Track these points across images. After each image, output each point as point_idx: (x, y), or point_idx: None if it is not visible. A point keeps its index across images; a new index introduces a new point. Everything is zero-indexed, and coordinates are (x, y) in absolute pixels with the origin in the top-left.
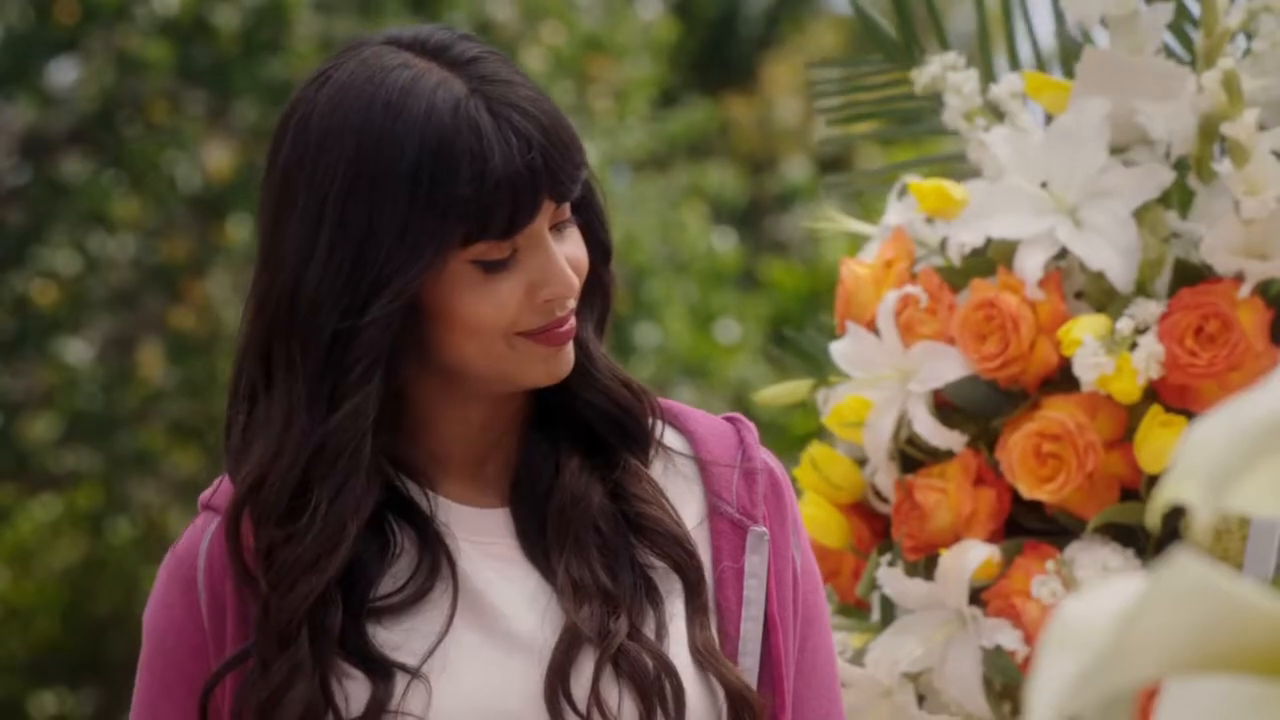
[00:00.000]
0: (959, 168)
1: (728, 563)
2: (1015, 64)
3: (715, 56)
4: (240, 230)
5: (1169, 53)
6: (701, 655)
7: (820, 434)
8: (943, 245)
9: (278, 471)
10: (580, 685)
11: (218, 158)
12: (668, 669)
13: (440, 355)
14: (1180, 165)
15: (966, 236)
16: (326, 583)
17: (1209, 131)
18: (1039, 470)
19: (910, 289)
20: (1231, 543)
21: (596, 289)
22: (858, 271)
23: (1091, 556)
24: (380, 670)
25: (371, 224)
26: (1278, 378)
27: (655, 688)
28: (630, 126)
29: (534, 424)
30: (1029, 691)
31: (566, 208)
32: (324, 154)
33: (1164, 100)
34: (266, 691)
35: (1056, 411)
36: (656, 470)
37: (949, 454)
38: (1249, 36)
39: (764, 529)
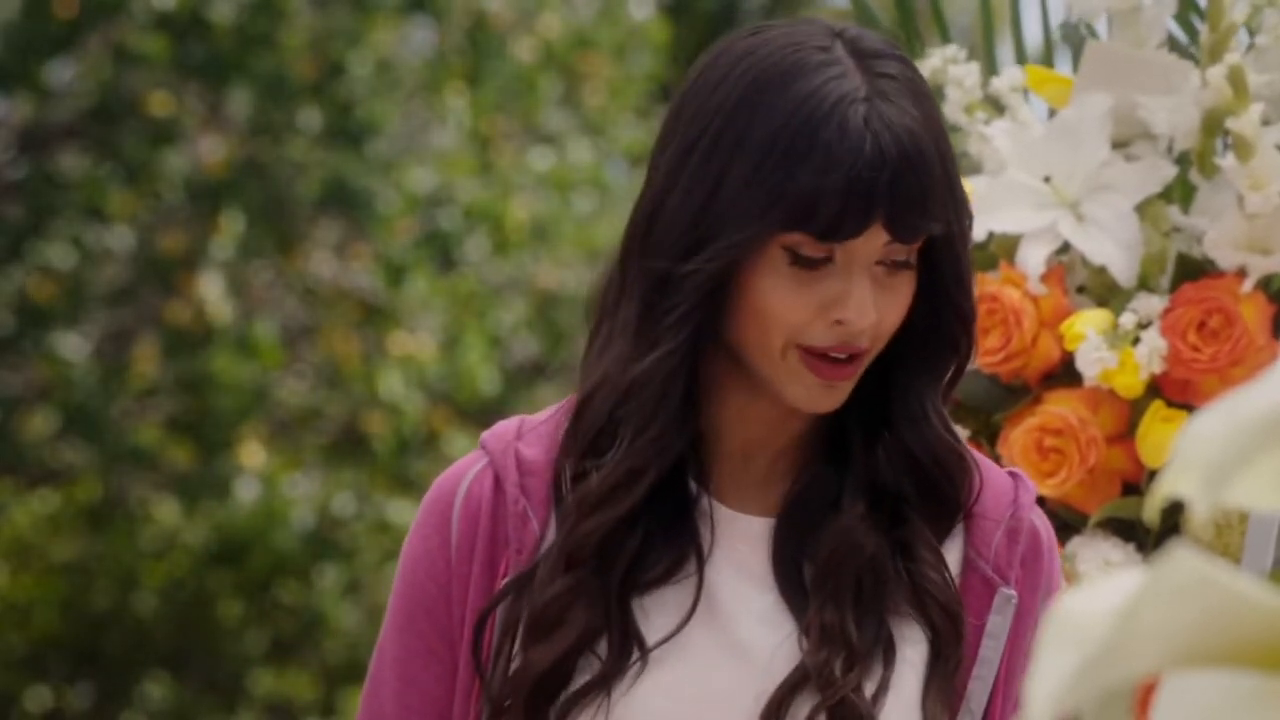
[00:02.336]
0: (960, 162)
1: (972, 619)
2: (1022, 57)
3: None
4: (235, 225)
5: (1174, 43)
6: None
7: None
8: None
9: (597, 402)
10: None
11: (214, 152)
12: None
13: (730, 333)
14: (1182, 160)
15: None
16: (617, 519)
17: (1211, 126)
18: (1041, 465)
19: None
20: (1231, 537)
21: (945, 346)
22: None
23: (1093, 551)
24: (624, 639)
25: (723, 178)
26: (1277, 372)
27: None
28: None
29: (826, 453)
30: (1028, 686)
31: (906, 253)
32: (714, 96)
33: (1166, 94)
34: (542, 603)
35: (1058, 406)
36: None
37: None
38: (1252, 32)
39: (1013, 592)
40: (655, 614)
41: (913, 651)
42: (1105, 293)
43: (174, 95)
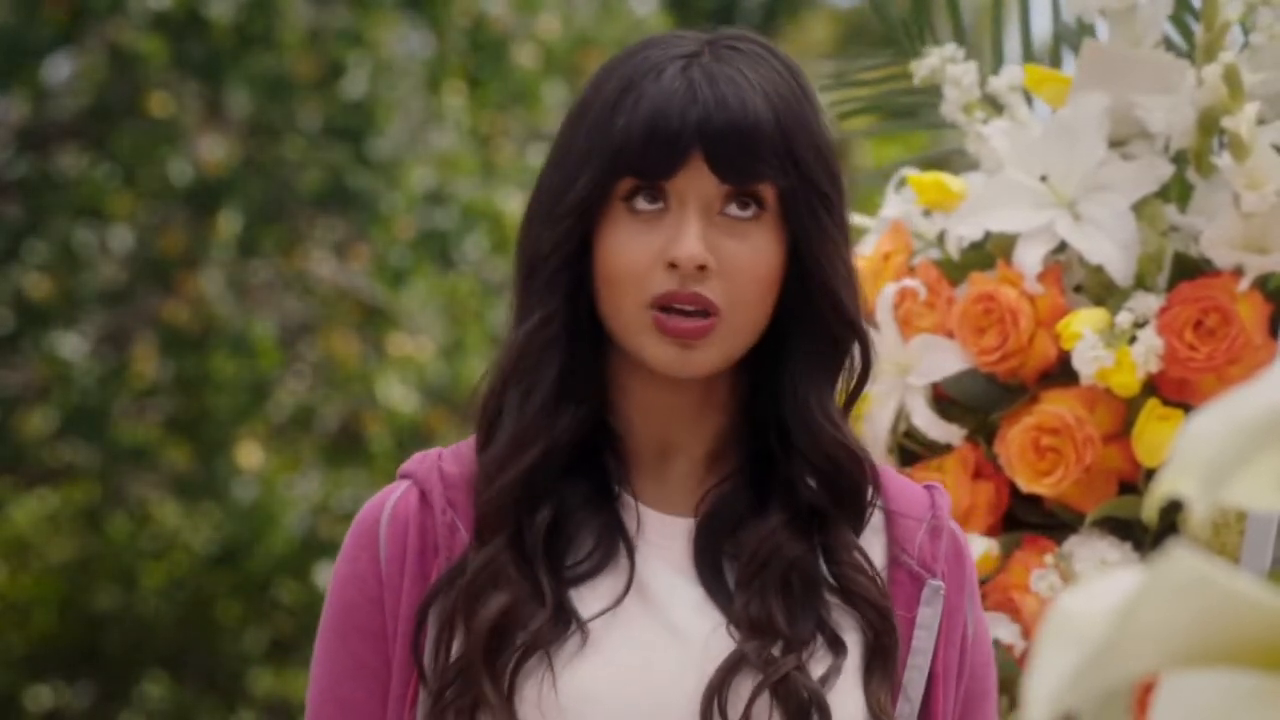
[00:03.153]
0: (957, 161)
1: (901, 612)
2: (1030, 54)
3: None
4: (233, 224)
5: (1169, 44)
6: (877, 712)
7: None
8: (940, 238)
9: (494, 376)
10: (736, 703)
11: (212, 151)
12: (820, 704)
13: (599, 313)
14: (1179, 159)
15: (965, 230)
16: (515, 483)
17: (1208, 125)
18: (1037, 464)
19: (909, 282)
20: (1229, 536)
21: (824, 340)
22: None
23: (1090, 550)
24: (560, 611)
25: (571, 145)
26: (1275, 371)
27: (804, 715)
28: None
29: (748, 456)
30: (1026, 685)
31: (752, 199)
32: (585, 89)
33: (1163, 94)
34: (472, 573)
35: (1055, 405)
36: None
37: (947, 447)
38: (1247, 30)
39: (941, 584)
40: (589, 598)
41: (850, 646)
42: (1102, 292)
43: (173, 94)
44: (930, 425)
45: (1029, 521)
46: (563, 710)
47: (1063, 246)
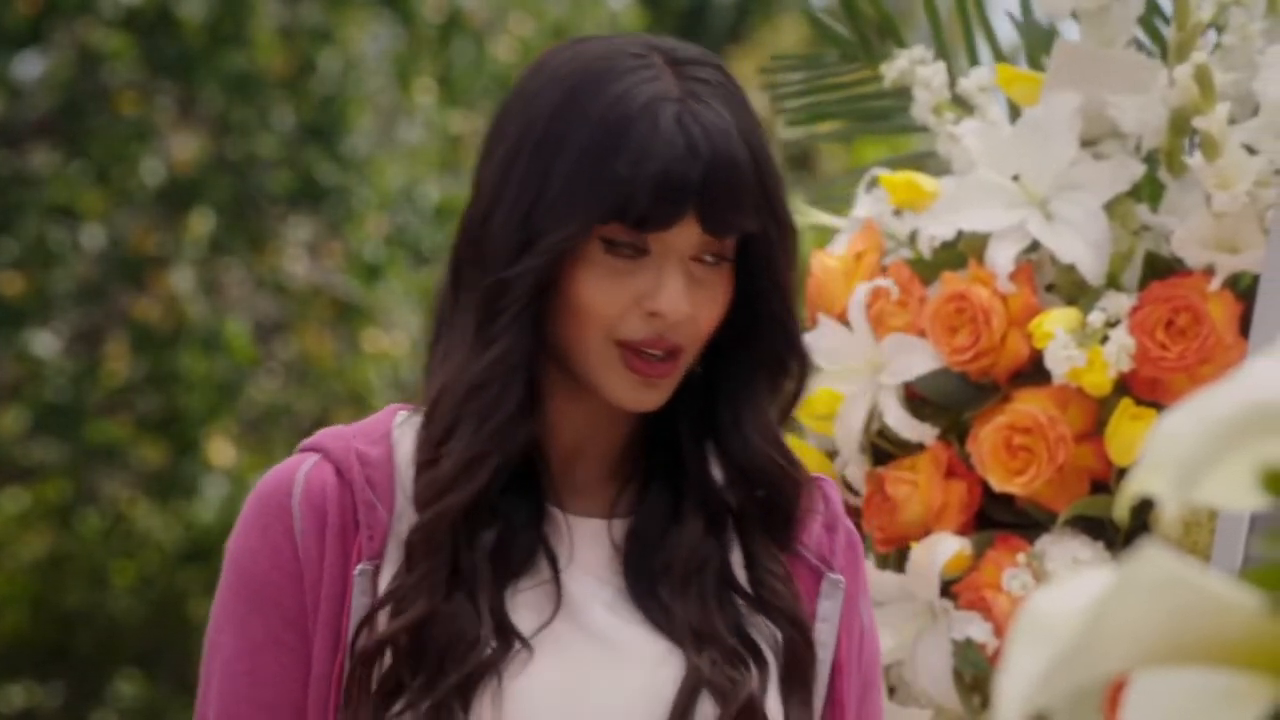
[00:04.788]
0: (931, 165)
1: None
2: (998, 54)
3: None
4: (205, 223)
5: (1139, 47)
6: None
7: (790, 426)
8: (912, 238)
9: (443, 404)
10: None
11: (183, 149)
12: None
13: (554, 334)
14: (1150, 159)
15: (937, 229)
16: (466, 503)
17: (1179, 125)
18: (1010, 463)
19: (881, 282)
20: (1200, 535)
21: (767, 358)
22: (827, 263)
23: (1062, 549)
24: (501, 626)
25: (546, 179)
26: (1246, 370)
27: None
28: None
29: (659, 460)
30: (998, 685)
31: (720, 249)
32: (533, 104)
33: (1135, 93)
34: (407, 587)
35: (1027, 404)
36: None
37: (920, 446)
38: (1219, 30)
39: (840, 578)
40: (520, 612)
41: (769, 658)
42: (1074, 291)
43: (144, 93)
44: (902, 424)
45: (1001, 521)
46: None
47: (1035, 246)
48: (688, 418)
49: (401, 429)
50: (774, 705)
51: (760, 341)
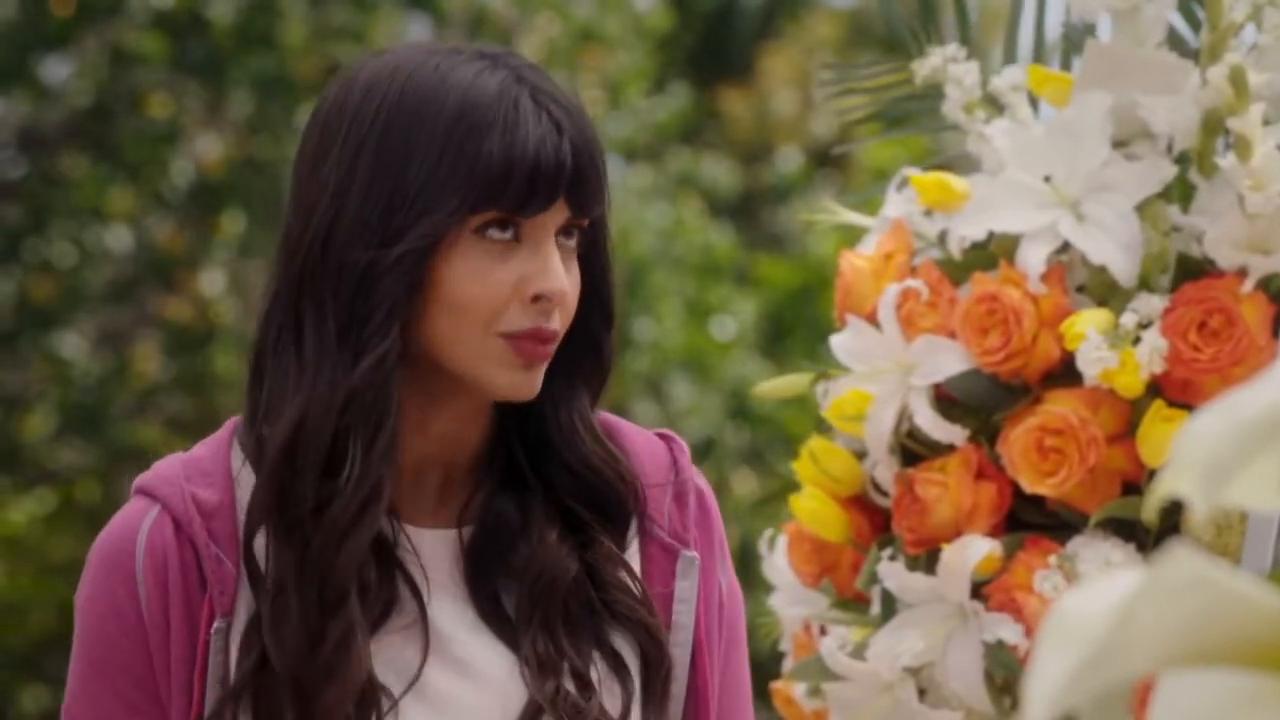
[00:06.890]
0: (962, 166)
1: (658, 587)
2: (1041, 52)
3: (712, 49)
4: (235, 223)
5: (1174, 37)
6: None
7: (820, 427)
8: (942, 238)
9: (313, 424)
10: None
11: (212, 151)
12: None
13: (422, 336)
14: (1182, 159)
15: (968, 230)
16: (370, 540)
17: (1211, 126)
18: (1041, 464)
19: (911, 282)
20: (1230, 537)
21: (590, 351)
22: (857, 264)
23: (1093, 551)
24: (370, 692)
25: (404, 174)
26: (1276, 371)
27: None
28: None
29: (502, 470)
30: (1026, 685)
31: (574, 234)
32: (368, 101)
33: (1166, 94)
34: (318, 661)
35: (1058, 406)
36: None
37: (950, 448)
38: (1253, 29)
39: (695, 554)
40: (389, 663)
41: (630, 668)
42: (1105, 292)
43: (173, 94)
44: (933, 426)
45: (1032, 522)
46: None
47: (1066, 247)
48: (517, 428)
49: (245, 469)
50: (636, 716)
51: (587, 336)
